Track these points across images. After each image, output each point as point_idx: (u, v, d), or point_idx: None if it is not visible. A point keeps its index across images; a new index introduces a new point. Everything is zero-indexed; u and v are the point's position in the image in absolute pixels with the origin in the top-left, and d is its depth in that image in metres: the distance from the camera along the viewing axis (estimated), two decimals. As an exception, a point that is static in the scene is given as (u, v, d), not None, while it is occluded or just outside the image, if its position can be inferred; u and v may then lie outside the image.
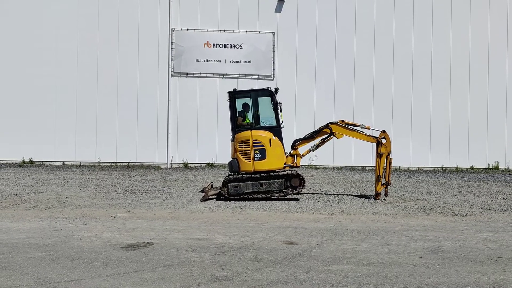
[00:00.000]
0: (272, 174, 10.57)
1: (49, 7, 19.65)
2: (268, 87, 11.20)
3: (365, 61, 20.39)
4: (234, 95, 11.01)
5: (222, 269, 5.26)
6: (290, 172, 10.64)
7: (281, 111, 10.88)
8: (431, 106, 20.53)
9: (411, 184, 14.53)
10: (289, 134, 12.66)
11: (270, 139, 10.63)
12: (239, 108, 11.05)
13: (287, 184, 10.60)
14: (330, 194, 11.71)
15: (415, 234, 7.20)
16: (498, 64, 20.63)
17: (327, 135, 11.21)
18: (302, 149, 11.35)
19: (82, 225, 7.60)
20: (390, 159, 11.06)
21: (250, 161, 10.59)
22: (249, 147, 10.60)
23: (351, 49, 20.36)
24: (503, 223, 8.35)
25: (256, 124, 10.92)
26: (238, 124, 10.92)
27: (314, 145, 11.39)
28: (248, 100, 11.15)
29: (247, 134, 10.67)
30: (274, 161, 10.65)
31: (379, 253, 6.05)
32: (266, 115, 10.97)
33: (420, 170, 20.24)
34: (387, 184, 11.18)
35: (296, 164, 11.06)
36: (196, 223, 7.90)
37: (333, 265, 5.45)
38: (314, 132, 11.37)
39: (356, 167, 20.13)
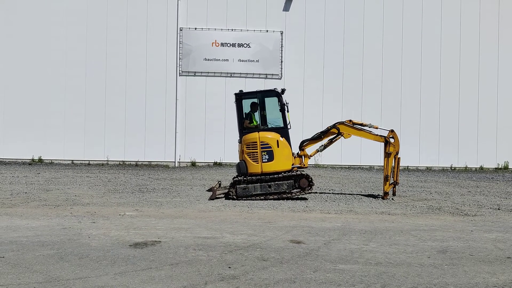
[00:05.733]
0: (280, 175, 10.55)
1: (58, 7, 19.77)
2: (275, 88, 11.17)
3: (373, 60, 20.30)
4: (240, 96, 10.99)
5: (229, 267, 5.27)
6: (298, 173, 10.62)
7: (288, 111, 10.84)
8: (440, 105, 20.39)
9: (419, 183, 14.45)
10: (297, 134, 12.62)
11: (277, 141, 10.61)
12: (246, 109, 11.04)
13: (295, 185, 10.58)
14: (337, 194, 11.68)
15: (423, 234, 7.17)
16: (507, 63, 20.44)
17: (334, 135, 11.17)
18: (309, 150, 11.32)
19: (90, 223, 7.65)
20: (398, 158, 11.01)
21: (258, 163, 10.57)
22: (256, 149, 10.58)
23: (360, 48, 20.28)
24: (512, 223, 8.29)
25: (263, 126, 10.91)
26: (245, 126, 10.92)
27: (322, 145, 11.35)
28: (255, 102, 11.13)
29: (254, 135, 10.66)
30: (282, 162, 10.63)
31: (387, 252, 6.02)
32: (273, 116, 10.95)
33: (428, 169, 20.13)
34: (395, 183, 11.12)
35: (304, 165, 11.02)
36: (204, 222, 7.92)
37: (341, 265, 5.44)
38: (321, 132, 11.33)
39: (364, 167, 20.06)
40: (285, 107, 10.77)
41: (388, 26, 20.31)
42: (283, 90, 11.00)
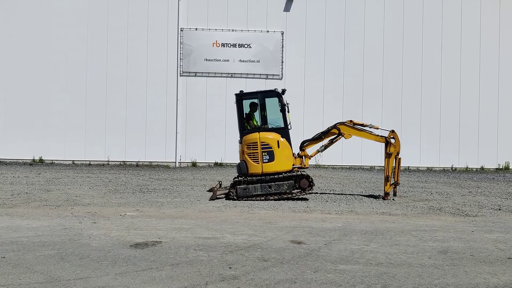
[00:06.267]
0: (281, 176, 10.55)
1: (59, 7, 19.78)
2: (275, 88, 11.18)
3: (374, 60, 20.29)
4: (241, 97, 11.00)
5: (230, 268, 5.27)
6: (298, 173, 10.62)
7: (288, 112, 10.84)
8: (441, 105, 20.38)
9: (420, 184, 14.44)
10: (297, 134, 12.60)
11: (278, 141, 10.61)
12: (246, 110, 11.05)
13: (296, 185, 10.57)
14: (338, 194, 11.67)
15: (424, 235, 7.16)
16: (508, 64, 20.42)
17: (335, 136, 11.17)
18: (310, 150, 11.31)
19: (91, 224, 7.65)
20: (399, 159, 11.00)
21: (258, 163, 10.57)
22: (257, 149, 10.59)
23: (360, 48, 20.28)
24: (513, 223, 8.28)
25: (263, 126, 10.91)
26: (245, 126, 10.92)
27: (323, 145, 11.35)
28: (255, 102, 11.13)
29: (255, 136, 10.66)
30: (282, 162, 10.63)
31: (388, 253, 6.02)
32: (274, 117, 10.95)
33: (429, 170, 20.12)
34: (396, 184, 11.11)
35: (305, 165, 11.02)
36: (204, 222, 7.92)
37: (341, 265, 5.44)
38: (322, 132, 11.33)
39: (365, 167, 20.05)
40: (286, 107, 10.78)
41: (389, 26, 20.31)
42: (283, 91, 11.00)
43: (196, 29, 20.02)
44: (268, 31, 20.09)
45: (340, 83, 20.24)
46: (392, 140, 10.93)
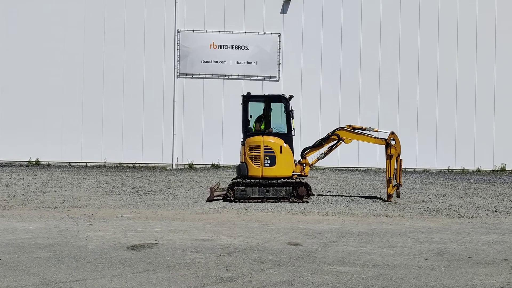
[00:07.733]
0: (280, 181, 10.56)
1: (57, 8, 19.75)
2: (283, 94, 11.19)
3: (370, 61, 20.32)
4: (247, 98, 11.01)
5: (226, 270, 5.26)
6: (297, 180, 10.64)
7: (293, 118, 10.86)
8: (437, 107, 20.43)
9: (417, 185, 14.47)
10: (295, 137, 12.59)
11: (281, 146, 10.62)
12: (251, 112, 11.06)
13: (294, 192, 10.58)
14: (335, 196, 11.68)
15: (420, 236, 7.18)
16: (504, 66, 20.50)
17: (335, 142, 11.18)
18: (311, 158, 11.33)
19: (87, 226, 7.63)
20: (400, 160, 11.05)
21: (259, 166, 10.58)
22: (259, 152, 10.60)
23: (357, 50, 20.31)
24: (509, 225, 8.30)
25: (267, 130, 10.91)
26: (249, 128, 10.93)
27: (322, 153, 11.37)
28: (261, 105, 11.14)
29: (258, 139, 10.67)
30: (283, 168, 10.64)
31: (384, 255, 6.03)
32: (278, 122, 10.98)
33: (426, 171, 20.15)
34: (398, 185, 11.12)
35: (305, 173, 11.02)
36: (201, 224, 7.92)
37: (338, 267, 5.44)
38: (322, 139, 11.35)
39: (362, 169, 20.06)
40: (291, 113, 10.80)
41: (386, 28, 20.35)
42: (290, 97, 11.02)
43: (193, 30, 20.01)
44: (265, 33, 20.11)
45: (337, 84, 20.26)
46: (393, 142, 10.97)
